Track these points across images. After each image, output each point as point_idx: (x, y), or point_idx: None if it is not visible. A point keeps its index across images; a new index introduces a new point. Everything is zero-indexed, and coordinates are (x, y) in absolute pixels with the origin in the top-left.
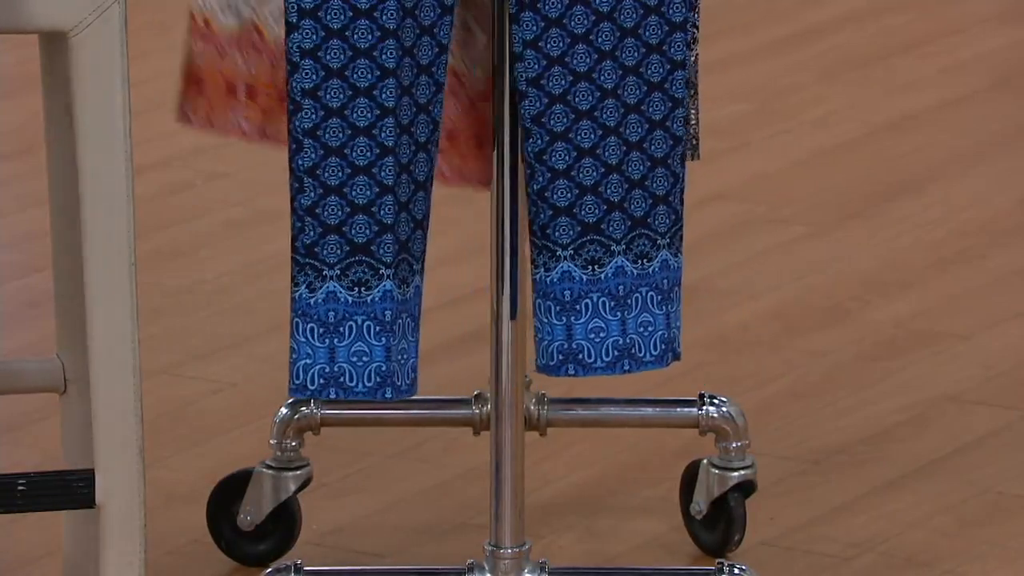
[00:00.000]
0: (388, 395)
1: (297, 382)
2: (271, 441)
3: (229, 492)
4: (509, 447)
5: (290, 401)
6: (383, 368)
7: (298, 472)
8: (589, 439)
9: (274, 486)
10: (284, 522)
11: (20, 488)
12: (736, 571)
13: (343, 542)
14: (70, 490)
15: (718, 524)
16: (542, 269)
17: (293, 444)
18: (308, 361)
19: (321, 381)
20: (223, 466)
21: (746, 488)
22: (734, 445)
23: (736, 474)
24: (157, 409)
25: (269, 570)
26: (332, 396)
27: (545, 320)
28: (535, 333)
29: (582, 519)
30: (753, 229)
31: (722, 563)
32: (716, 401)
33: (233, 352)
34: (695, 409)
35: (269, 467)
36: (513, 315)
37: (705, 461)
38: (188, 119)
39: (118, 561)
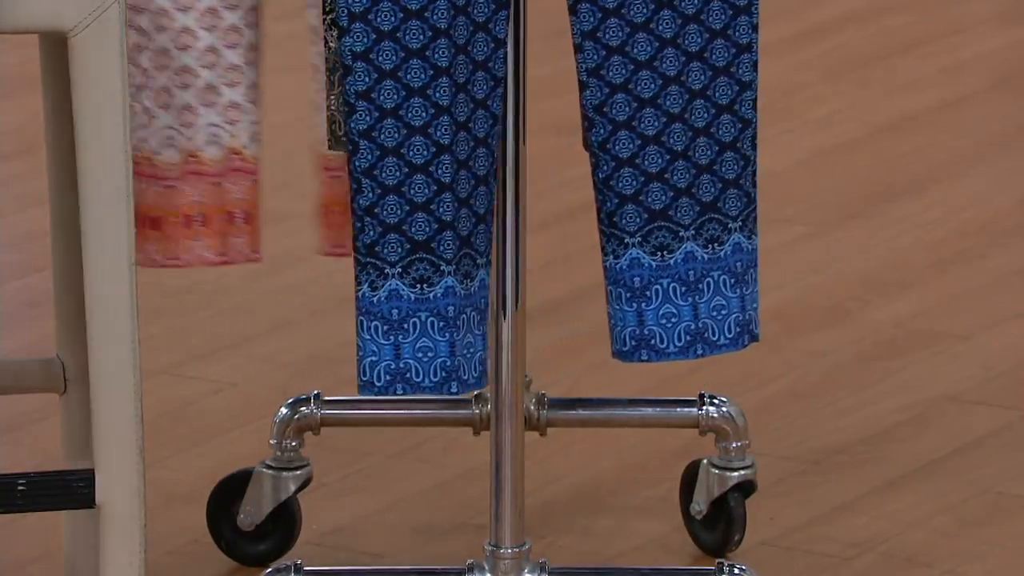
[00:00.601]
0: (454, 389)
1: (364, 379)
2: (271, 441)
3: (229, 492)
4: (509, 447)
5: (290, 401)
6: (448, 363)
7: (298, 472)
8: (589, 439)
9: (274, 486)
10: (284, 522)
11: (20, 488)
12: (736, 571)
13: (343, 542)
14: (70, 490)
15: (718, 524)
16: (611, 256)
17: (293, 444)
18: (374, 358)
19: (388, 377)
20: (223, 466)
21: (746, 488)
22: (734, 445)
23: (736, 474)
24: (157, 409)
25: (269, 570)
26: (399, 392)
27: (617, 307)
28: (608, 319)
29: (582, 519)
30: None
31: (722, 563)
32: (716, 401)
33: (233, 352)
34: (695, 409)
35: (269, 467)
36: (513, 315)
37: (705, 461)
38: (153, 262)
39: (118, 561)
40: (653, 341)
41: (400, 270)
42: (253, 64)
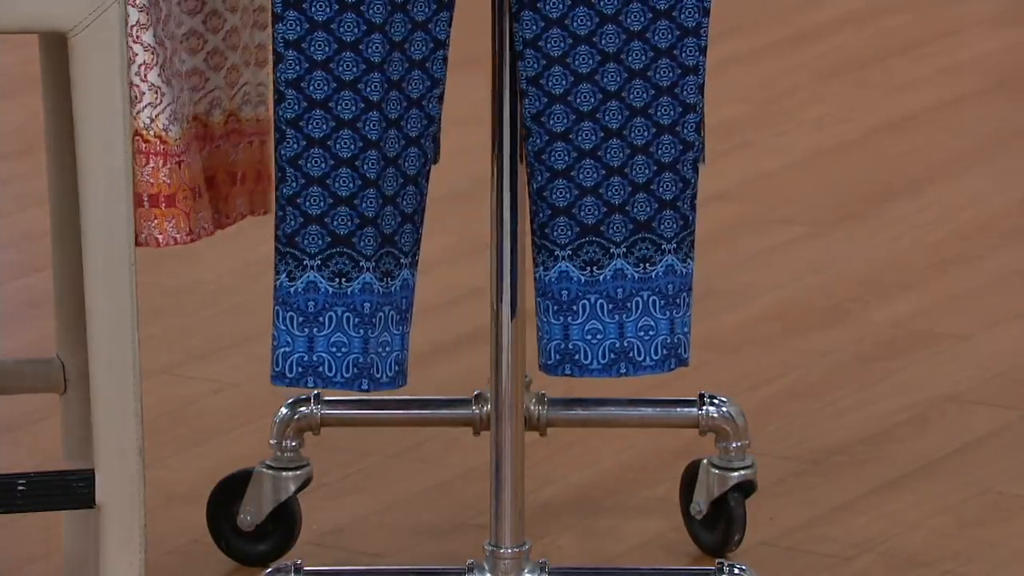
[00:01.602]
0: (364, 386)
1: (276, 370)
2: (271, 441)
3: (229, 492)
4: (509, 447)
5: (290, 401)
6: (360, 360)
7: (298, 472)
8: (589, 439)
9: (274, 486)
10: (284, 522)
11: (20, 488)
12: (736, 571)
13: (343, 542)
14: (70, 490)
15: (718, 524)
16: (541, 268)
17: (293, 444)
18: (287, 349)
19: (299, 370)
20: (223, 466)
21: (746, 488)
22: (734, 445)
23: (736, 474)
24: (157, 409)
25: (269, 570)
26: (310, 385)
27: (544, 319)
28: (537, 331)
29: (582, 519)
30: (752, 230)
31: (722, 563)
32: (716, 401)
33: (233, 352)
34: (695, 409)
35: (269, 467)
36: (513, 315)
37: (705, 461)
38: (171, 240)
39: (118, 561)
40: (577, 356)
41: (319, 262)
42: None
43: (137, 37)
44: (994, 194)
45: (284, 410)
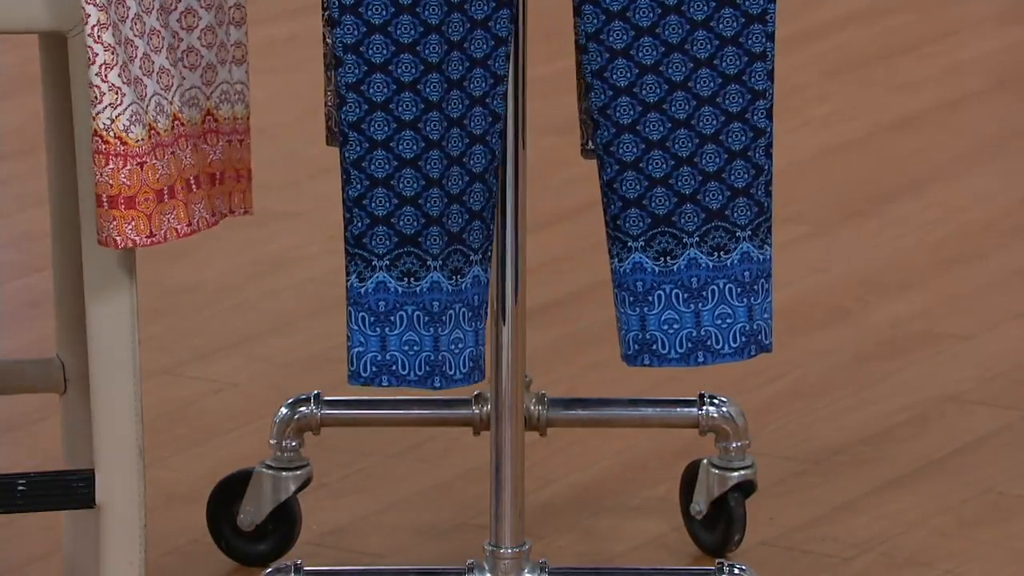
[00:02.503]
0: (437, 384)
1: (352, 369)
2: (271, 441)
3: (229, 492)
4: (509, 447)
5: (290, 401)
6: (432, 357)
7: (298, 472)
8: (589, 439)
9: (274, 486)
10: (284, 522)
11: (20, 488)
12: (736, 571)
13: (343, 542)
14: (70, 490)
15: (718, 524)
16: (616, 260)
17: (293, 444)
18: (361, 349)
19: (374, 369)
20: (223, 466)
21: (746, 488)
22: (734, 445)
23: (736, 474)
24: (157, 409)
25: (269, 570)
26: (385, 384)
27: (621, 310)
28: (616, 322)
29: (582, 519)
30: None
31: (722, 563)
32: (716, 401)
33: (234, 352)
34: (695, 409)
35: (269, 467)
36: (513, 315)
37: (705, 461)
38: (130, 241)
39: (118, 561)
40: (655, 346)
41: (388, 263)
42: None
43: (98, 37)
44: (996, 194)
45: (284, 410)
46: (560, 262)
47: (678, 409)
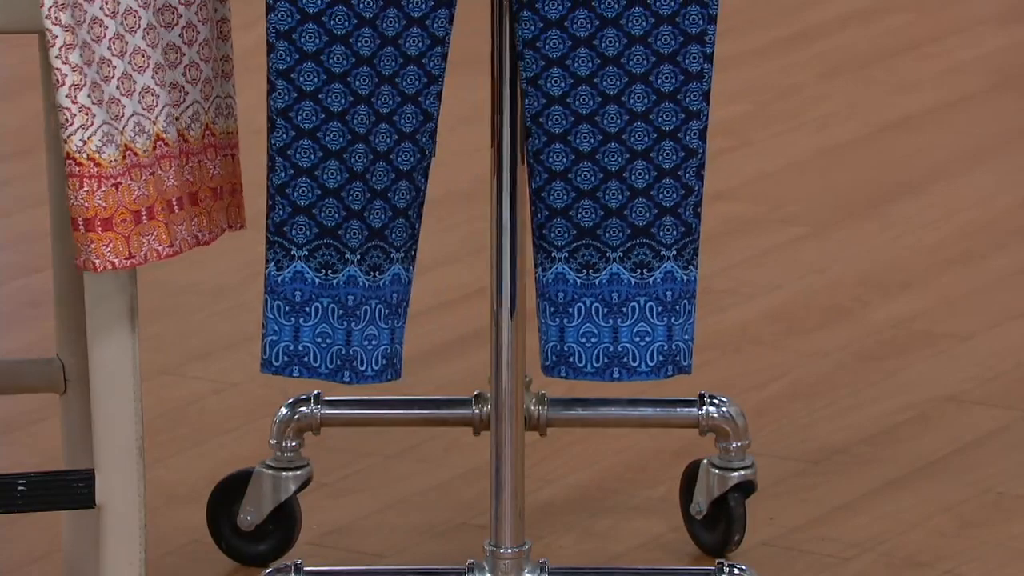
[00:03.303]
0: (346, 379)
1: (264, 358)
2: (271, 441)
3: (229, 492)
4: (509, 447)
5: (290, 401)
6: (343, 351)
7: (298, 472)
8: (589, 439)
9: (274, 486)
10: (284, 522)
11: (20, 488)
12: (736, 571)
13: (343, 542)
14: (70, 490)
15: (718, 524)
16: (539, 268)
17: (293, 444)
18: (274, 338)
19: (285, 358)
20: (223, 466)
21: (746, 488)
22: (734, 445)
23: (736, 474)
24: (157, 409)
25: (269, 570)
26: (295, 375)
27: (542, 320)
28: (538, 332)
29: (582, 519)
30: (754, 229)
31: (722, 563)
32: (716, 401)
33: (233, 352)
34: (695, 409)
35: (269, 467)
36: (513, 315)
37: (705, 461)
38: (108, 264)
39: (118, 561)
40: (572, 359)
41: (306, 253)
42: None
43: (65, 58)
44: (997, 194)
45: (284, 410)
46: None
47: (678, 409)
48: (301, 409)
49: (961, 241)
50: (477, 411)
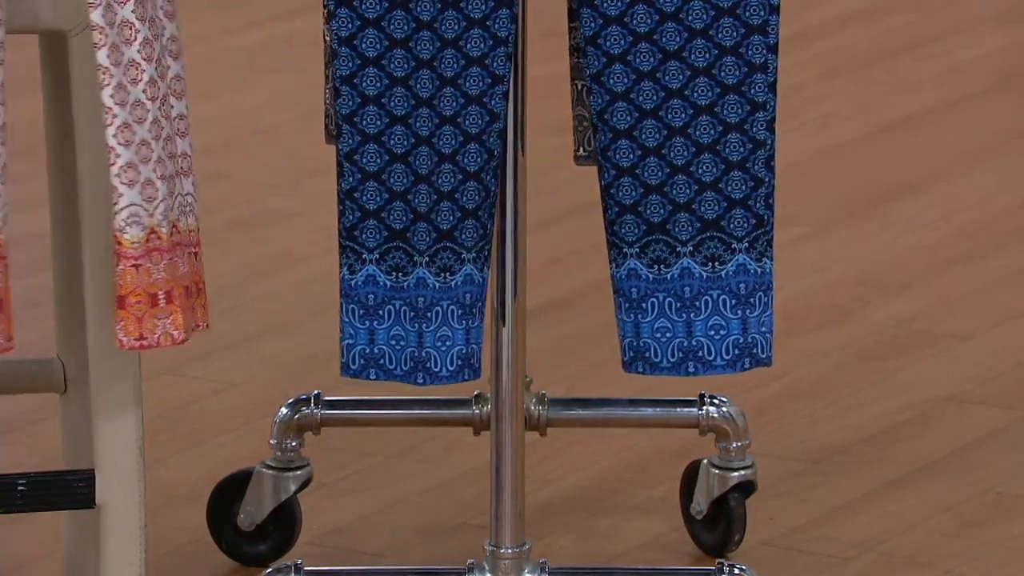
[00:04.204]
0: (421, 380)
1: (343, 361)
2: (271, 441)
3: (229, 492)
4: (509, 447)
5: (290, 401)
6: (416, 353)
7: (298, 472)
8: (589, 439)
9: (274, 486)
10: (284, 522)
11: (20, 488)
12: (736, 571)
13: (343, 542)
14: (70, 490)
15: (718, 524)
16: (613, 264)
17: (293, 444)
18: (351, 341)
19: (362, 362)
20: (223, 466)
21: (746, 488)
22: (734, 445)
23: (736, 474)
24: (157, 409)
25: (269, 570)
26: (372, 377)
27: (619, 316)
28: (616, 328)
29: (582, 519)
30: None
31: (722, 563)
32: (716, 401)
33: (234, 352)
34: (695, 409)
35: (269, 467)
36: (513, 315)
37: (705, 461)
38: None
39: (118, 561)
40: (648, 354)
41: (377, 256)
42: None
43: (121, 139)
44: (997, 194)
45: (284, 410)
46: (560, 262)
47: (678, 409)
48: (302, 409)
49: (961, 241)
50: (477, 411)
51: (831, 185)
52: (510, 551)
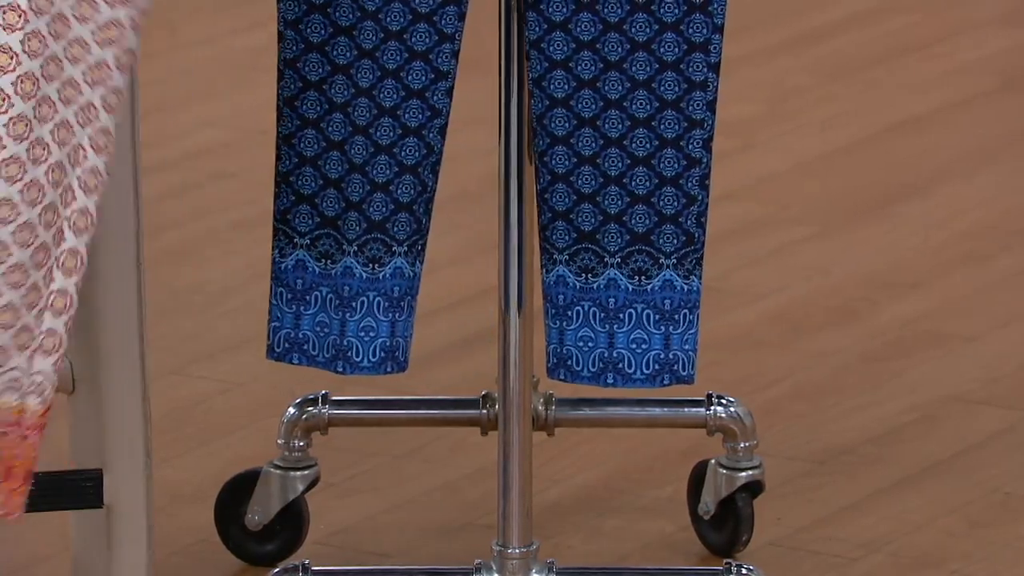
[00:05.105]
0: (340, 368)
1: (268, 343)
2: (279, 441)
3: (237, 492)
4: (517, 447)
5: (298, 401)
6: (337, 341)
7: (306, 472)
8: (597, 439)
9: (282, 486)
10: (292, 522)
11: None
12: (744, 571)
13: (350, 542)
14: (78, 490)
15: (726, 524)
16: (543, 270)
17: (301, 444)
18: (277, 324)
19: (286, 345)
20: (231, 466)
21: (754, 488)
22: (742, 445)
23: (744, 474)
24: (164, 409)
25: (277, 570)
26: (295, 362)
27: (545, 321)
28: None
29: (590, 519)
30: (760, 229)
31: (730, 563)
32: (724, 401)
33: (241, 352)
34: (703, 409)
35: (277, 467)
36: (520, 315)
37: (713, 461)
38: None
39: (126, 561)
40: (570, 362)
41: (308, 241)
42: None
43: None
44: (1002, 194)
45: (292, 410)
46: None
47: (686, 409)
48: (309, 409)
49: (967, 242)
50: (485, 411)
51: (836, 186)
52: (517, 551)
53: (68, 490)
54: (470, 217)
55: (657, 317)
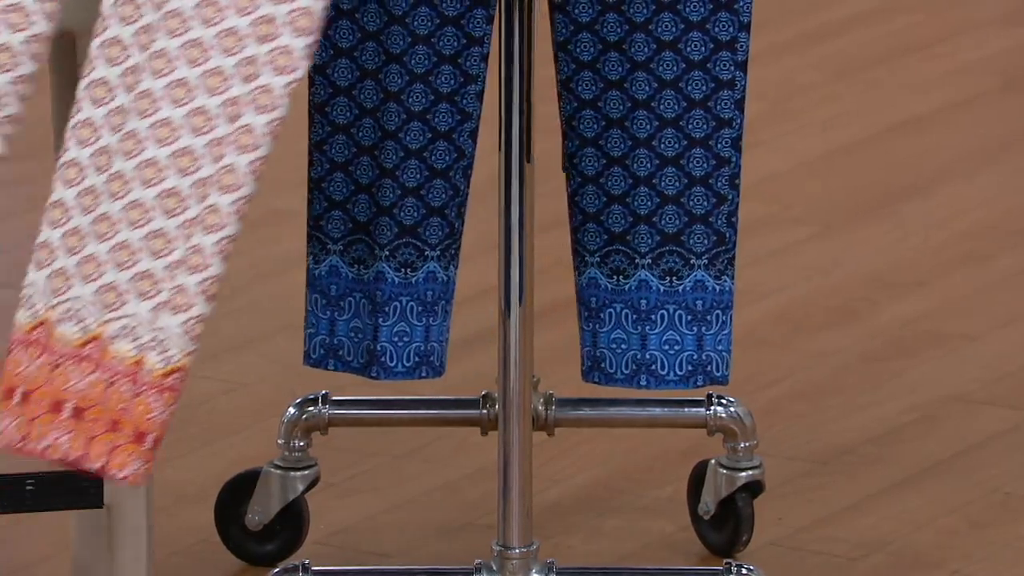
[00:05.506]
0: (374, 374)
1: (304, 349)
2: (279, 441)
3: (237, 492)
4: (517, 447)
5: (298, 401)
6: (372, 347)
7: (306, 472)
8: (597, 439)
9: (282, 486)
10: (292, 522)
11: (29, 488)
12: (744, 571)
13: (351, 542)
14: (79, 490)
15: (726, 524)
16: (576, 272)
17: (301, 444)
18: (312, 330)
19: (322, 351)
20: (232, 466)
21: (754, 488)
22: (742, 445)
23: (744, 474)
24: None
25: (277, 570)
26: (331, 368)
27: (579, 324)
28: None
29: (590, 519)
30: (762, 229)
31: (730, 563)
32: (724, 401)
33: (243, 352)
34: (703, 409)
35: (277, 467)
36: (520, 315)
37: (713, 461)
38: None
39: (126, 561)
40: (603, 364)
41: (341, 247)
42: None
43: None
44: (1004, 194)
45: (292, 410)
46: (567, 261)
47: (686, 409)
48: (309, 409)
49: (968, 241)
50: (485, 411)
51: (838, 185)
52: (518, 551)
53: (68, 490)
54: (470, 217)
55: (689, 318)
